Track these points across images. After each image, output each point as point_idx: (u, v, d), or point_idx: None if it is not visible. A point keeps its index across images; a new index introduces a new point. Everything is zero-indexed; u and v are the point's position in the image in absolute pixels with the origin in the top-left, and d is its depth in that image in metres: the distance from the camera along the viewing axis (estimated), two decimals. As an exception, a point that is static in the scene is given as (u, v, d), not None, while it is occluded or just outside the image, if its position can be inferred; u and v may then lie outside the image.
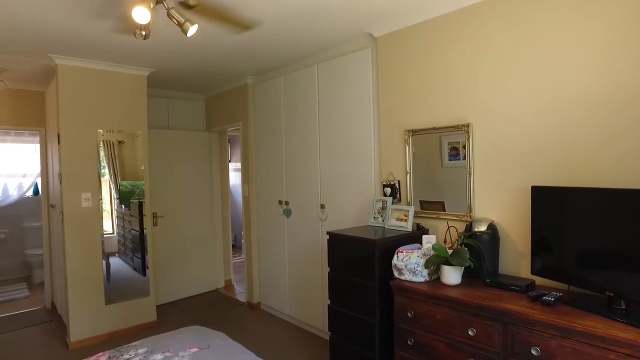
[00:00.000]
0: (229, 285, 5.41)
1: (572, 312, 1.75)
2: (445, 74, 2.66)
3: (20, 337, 3.90)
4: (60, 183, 3.63)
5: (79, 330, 3.66)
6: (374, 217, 2.96)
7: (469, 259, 2.13)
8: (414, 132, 2.84)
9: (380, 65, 3.07)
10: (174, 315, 4.33)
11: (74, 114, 3.62)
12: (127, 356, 2.21)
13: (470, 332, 1.96)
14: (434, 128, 2.71)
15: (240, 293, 5.11)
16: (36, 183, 6.08)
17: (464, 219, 2.55)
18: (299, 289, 3.92)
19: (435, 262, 2.21)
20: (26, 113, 4.55)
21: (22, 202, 6.04)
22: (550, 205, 2.02)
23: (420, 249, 2.37)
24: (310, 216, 3.73)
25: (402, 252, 2.36)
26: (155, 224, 4.43)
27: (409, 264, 2.28)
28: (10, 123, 4.49)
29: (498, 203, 2.42)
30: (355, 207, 3.31)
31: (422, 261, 2.27)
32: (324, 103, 3.57)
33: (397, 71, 2.95)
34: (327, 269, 2.77)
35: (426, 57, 2.76)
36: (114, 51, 3.41)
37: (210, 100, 5.21)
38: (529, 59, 2.25)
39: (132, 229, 4.61)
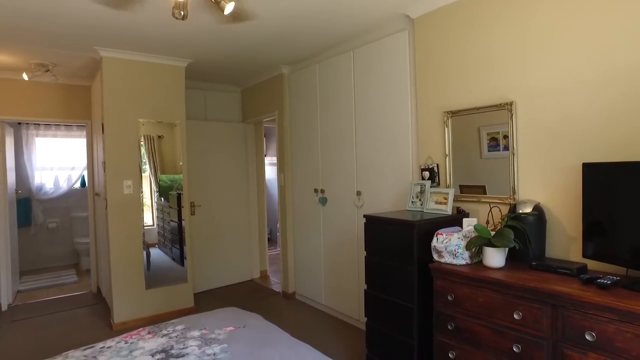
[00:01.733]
0: (264, 275, 5.45)
1: (632, 296, 1.61)
2: (486, 52, 2.54)
3: (70, 317, 4.11)
4: (104, 171, 3.77)
5: (121, 312, 3.79)
6: (412, 202, 2.88)
7: (514, 240, 2.02)
8: (454, 114, 2.73)
9: (418, 46, 2.98)
10: (210, 302, 4.40)
11: (116, 104, 3.76)
12: (165, 332, 2.26)
13: (515, 316, 1.85)
14: (475, 108, 2.60)
15: (275, 283, 5.14)
16: (83, 175, 6.37)
17: (507, 201, 2.43)
18: (334, 278, 3.89)
19: (477, 244, 2.11)
20: (74, 107, 4.77)
21: (71, 193, 6.35)
22: (604, 183, 1.88)
23: (460, 231, 2.28)
24: (346, 204, 3.69)
25: (441, 234, 2.27)
26: (192, 213, 4.52)
27: (449, 245, 2.19)
28: (60, 116, 4.72)
29: (544, 184, 2.28)
30: (392, 193, 3.24)
31: (463, 243, 2.17)
32: (359, 89, 3.52)
33: (435, 52, 2.86)
34: (363, 256, 2.73)
35: (465, 36, 2.66)
36: (154, 42, 3.50)
37: (246, 92, 5.27)
38: (577, 30, 2.10)
39: (171, 221, 4.75)
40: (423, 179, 2.93)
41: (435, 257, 2.28)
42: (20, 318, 4.11)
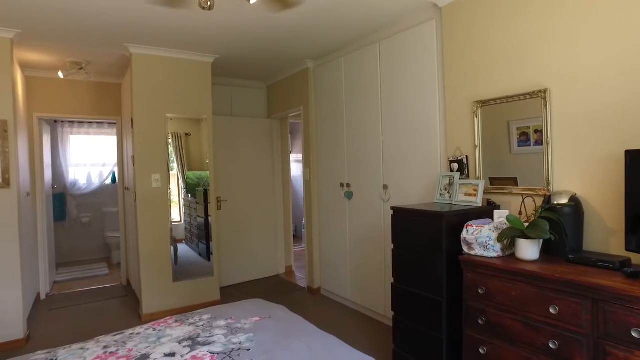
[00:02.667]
0: (289, 271, 5.46)
1: (681, 290, 1.51)
2: (517, 39, 2.44)
3: (102, 307, 4.24)
4: (134, 165, 3.85)
5: (150, 304, 3.87)
6: (440, 194, 2.81)
7: (550, 232, 1.92)
8: (484, 103, 2.65)
9: (446, 35, 2.90)
10: (236, 296, 4.43)
11: (145, 99, 3.83)
12: (192, 320, 2.28)
13: (551, 311, 1.77)
14: (506, 97, 2.50)
15: (300, 279, 5.13)
16: (114, 172, 6.55)
17: (540, 192, 2.32)
18: (360, 274, 3.84)
19: (509, 235, 2.03)
20: (105, 104, 4.90)
21: (102, 189, 6.55)
22: (650, 170, 1.77)
23: (491, 223, 2.20)
24: (373, 197, 3.64)
25: (472, 226, 2.19)
26: (219, 207, 4.56)
27: (480, 237, 2.12)
28: (92, 113, 4.86)
29: (581, 174, 2.17)
30: (419, 186, 3.17)
31: (495, 235, 2.09)
32: (386, 81, 3.46)
33: (464, 40, 2.78)
34: (390, 249, 2.68)
35: (495, 22, 2.56)
36: (181, 38, 3.55)
37: (272, 88, 5.29)
38: (617, 13, 1.99)
39: (198, 216, 4.82)
40: (452, 171, 2.85)
41: (465, 249, 2.21)
42: (57, 307, 4.27)
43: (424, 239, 2.40)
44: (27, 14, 2.95)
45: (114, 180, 6.61)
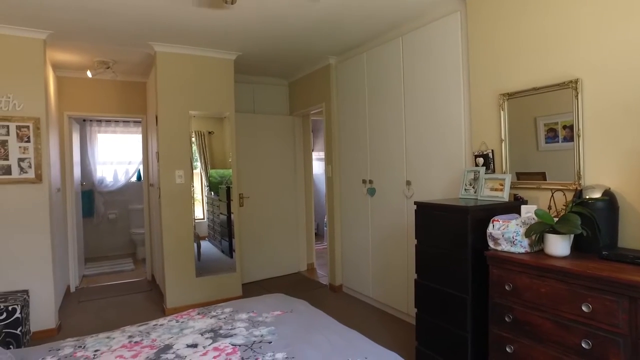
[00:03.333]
0: (311, 269, 5.45)
1: None
2: (545, 28, 2.36)
3: (127, 301, 4.34)
4: (158, 161, 3.92)
5: (173, 298, 3.93)
6: (465, 189, 2.74)
7: (581, 227, 1.85)
8: (510, 96, 2.57)
9: (471, 27, 2.83)
10: (257, 293, 4.41)
11: (169, 96, 3.90)
12: (214, 313, 2.29)
13: (584, 309, 1.69)
14: (534, 89, 2.42)
15: (322, 276, 5.12)
16: (139, 170, 6.70)
17: (571, 187, 2.24)
18: (383, 271, 3.80)
19: (538, 230, 1.96)
20: (131, 102, 5.01)
21: (128, 186, 6.70)
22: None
23: (518, 218, 2.13)
24: (395, 194, 3.59)
25: (498, 220, 2.13)
26: (241, 204, 4.60)
27: (507, 232, 2.05)
28: (118, 111, 4.98)
29: (616, 168, 2.08)
30: (443, 182, 3.11)
31: (522, 230, 2.02)
32: (409, 75, 3.41)
33: (490, 31, 2.70)
34: (413, 248, 2.63)
35: (522, 11, 2.49)
36: (204, 35, 3.59)
37: (293, 85, 5.30)
38: (660, -7, 1.89)
39: (221, 213, 4.87)
40: (477, 165, 2.79)
41: (491, 244, 2.14)
42: (86, 299, 4.40)
43: (449, 235, 2.35)
44: (58, 15, 3.04)
45: (139, 178, 6.76)
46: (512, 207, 2.38)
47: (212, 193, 5.13)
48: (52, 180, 3.69)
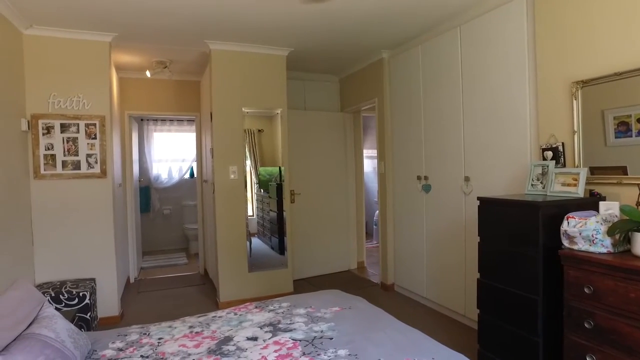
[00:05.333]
0: (361, 267, 5.38)
1: None
2: (626, 4, 2.15)
3: (182, 294, 4.48)
4: (212, 157, 4.01)
5: (226, 292, 4.00)
6: (532, 185, 2.57)
7: (677, 225, 1.66)
8: (585, 83, 2.37)
9: (539, 11, 2.66)
10: (308, 290, 4.40)
11: (223, 93, 3.97)
12: (271, 307, 2.29)
13: (681, 315, 1.52)
14: (615, 74, 2.21)
15: (372, 275, 5.04)
16: (192, 167, 6.92)
17: (660, 182, 2.03)
18: (438, 270, 3.67)
19: (624, 229, 1.78)
20: (185, 101, 5.17)
21: (181, 183, 6.94)
22: None
23: (597, 215, 1.95)
24: (452, 190, 3.45)
25: (573, 217, 1.97)
26: (292, 201, 4.61)
27: (585, 230, 1.89)
28: (173, 110, 5.15)
29: None
30: (505, 177, 2.94)
31: (604, 228, 1.85)
32: (468, 67, 3.26)
33: (560, 14, 2.52)
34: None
35: (604, -11, 2.28)
36: (257, 32, 3.62)
37: (344, 81, 5.25)
38: None
39: (271, 210, 4.91)
40: (544, 159, 2.60)
41: (566, 243, 1.98)
42: (144, 290, 4.59)
43: (517, 232, 2.20)
44: (123, 17, 3.18)
45: (191, 175, 6.98)
46: (588, 203, 2.20)
47: (262, 191, 5.20)
48: (115, 176, 3.87)
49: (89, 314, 3.13)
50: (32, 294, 1.82)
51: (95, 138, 3.54)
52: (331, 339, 1.81)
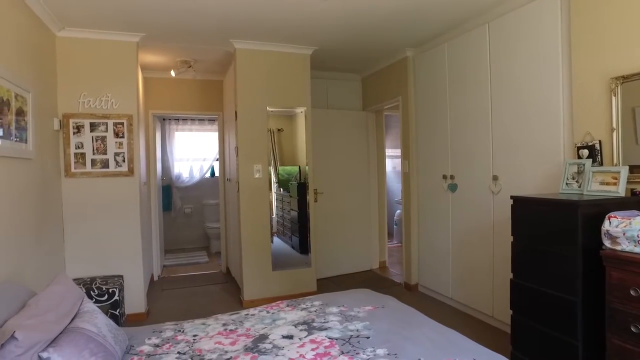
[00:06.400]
0: (383, 266, 5.35)
1: None
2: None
3: (206, 292, 4.51)
4: (237, 155, 4.03)
5: (251, 290, 4.01)
6: (567, 184, 2.51)
7: None
8: (625, 79, 2.31)
9: (576, 4, 2.59)
10: (331, 289, 4.40)
11: (248, 92, 3.98)
12: (303, 306, 2.28)
13: None
14: (658, 70, 2.15)
15: (395, 275, 5.00)
16: (212, 166, 6.98)
17: None
18: (464, 270, 3.62)
19: (672, 228, 1.72)
20: (208, 100, 5.21)
21: (202, 182, 7.00)
22: None
23: (641, 215, 1.90)
24: (480, 189, 3.40)
25: (616, 217, 1.92)
26: (315, 200, 4.61)
27: (630, 230, 1.83)
28: (196, 109, 5.20)
29: None
30: (536, 176, 2.89)
31: (650, 228, 1.80)
32: (496, 64, 3.21)
33: (599, 8, 2.45)
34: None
35: (645, -17, 2.22)
36: (282, 31, 3.63)
37: (367, 80, 5.22)
38: None
39: (291, 210, 4.91)
40: (580, 157, 2.54)
41: (607, 243, 1.93)
42: (168, 288, 4.64)
43: (553, 231, 2.16)
44: (151, 17, 3.21)
45: (212, 174, 7.04)
46: (629, 202, 2.14)
47: (281, 190, 5.20)
48: (141, 175, 3.92)
49: (118, 310, 3.18)
50: (72, 289, 1.85)
51: (122, 137, 3.59)
52: (368, 337, 1.80)
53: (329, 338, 1.81)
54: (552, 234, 2.17)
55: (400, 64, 4.43)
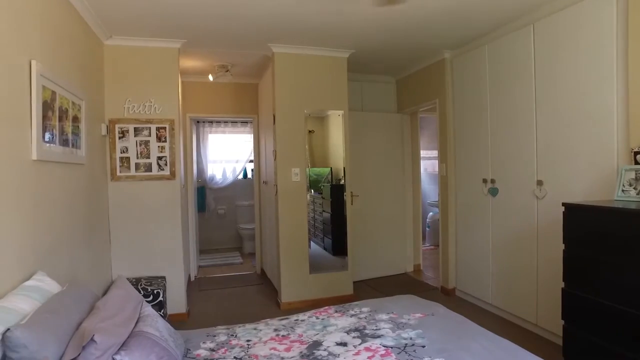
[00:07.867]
0: (417, 270, 5.30)
1: None
2: None
3: (242, 293, 4.57)
4: (275, 159, 4.06)
5: (288, 293, 4.04)
6: (623, 190, 2.42)
7: None
8: (688, 82, 2.20)
9: (633, 2, 2.49)
10: (367, 292, 4.42)
11: (286, 96, 4.02)
12: (352, 312, 2.29)
13: None
14: None
15: (430, 278, 4.95)
16: (245, 168, 7.06)
17: None
18: (506, 276, 3.54)
19: None
20: (244, 103, 5.28)
21: (235, 183, 7.09)
22: None
23: None
24: (523, 194, 3.32)
25: (684, 227, 1.83)
26: (351, 202, 4.60)
27: (701, 241, 1.75)
28: (231, 112, 5.28)
29: None
30: (586, 181, 2.79)
31: None
32: (542, 66, 3.13)
33: (660, 8, 2.35)
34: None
35: None
36: (320, 34, 3.64)
37: (401, 82, 5.18)
38: None
39: (324, 211, 4.91)
40: (637, 163, 2.45)
41: (674, 255, 1.85)
42: (204, 288, 4.73)
43: (614, 241, 2.08)
44: (193, 24, 3.28)
45: (245, 175, 7.12)
46: (697, 211, 2.04)
47: (312, 191, 5.21)
48: (181, 177, 4.01)
49: (162, 311, 3.26)
50: (132, 293, 1.91)
51: (165, 141, 3.68)
52: (423, 347, 1.78)
53: (384, 346, 1.81)
54: (613, 244, 2.10)
55: (437, 65, 4.37)
